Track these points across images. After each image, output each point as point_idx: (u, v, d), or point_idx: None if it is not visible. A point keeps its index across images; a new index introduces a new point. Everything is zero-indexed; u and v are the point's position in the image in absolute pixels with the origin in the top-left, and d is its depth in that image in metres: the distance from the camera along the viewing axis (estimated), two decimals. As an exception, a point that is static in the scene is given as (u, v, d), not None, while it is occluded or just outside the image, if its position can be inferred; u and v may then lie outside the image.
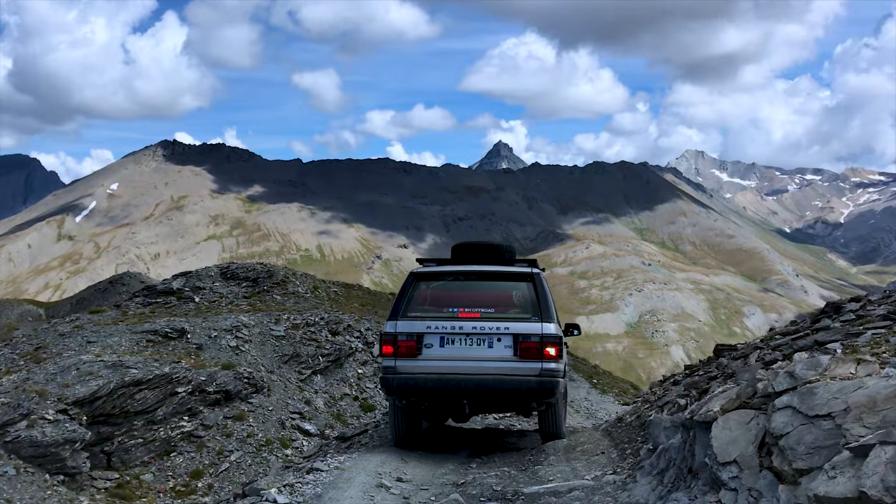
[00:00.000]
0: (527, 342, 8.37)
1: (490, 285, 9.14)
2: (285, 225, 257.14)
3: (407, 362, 8.46)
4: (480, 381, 8.32)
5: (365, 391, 19.75)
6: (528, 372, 8.31)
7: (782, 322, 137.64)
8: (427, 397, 8.58)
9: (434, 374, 8.38)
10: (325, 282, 30.72)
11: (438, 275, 9.21)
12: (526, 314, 8.62)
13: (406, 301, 8.81)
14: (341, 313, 22.84)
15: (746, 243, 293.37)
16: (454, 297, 8.84)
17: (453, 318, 8.55)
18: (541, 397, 8.48)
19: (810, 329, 6.30)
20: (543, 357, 8.35)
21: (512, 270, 9.18)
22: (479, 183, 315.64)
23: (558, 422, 9.20)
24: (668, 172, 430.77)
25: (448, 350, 8.43)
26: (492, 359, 8.35)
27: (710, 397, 4.60)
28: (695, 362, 10.85)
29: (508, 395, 8.44)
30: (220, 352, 18.47)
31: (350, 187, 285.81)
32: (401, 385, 8.46)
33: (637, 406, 9.71)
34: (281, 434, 15.37)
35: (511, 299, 8.91)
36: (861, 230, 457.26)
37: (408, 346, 8.48)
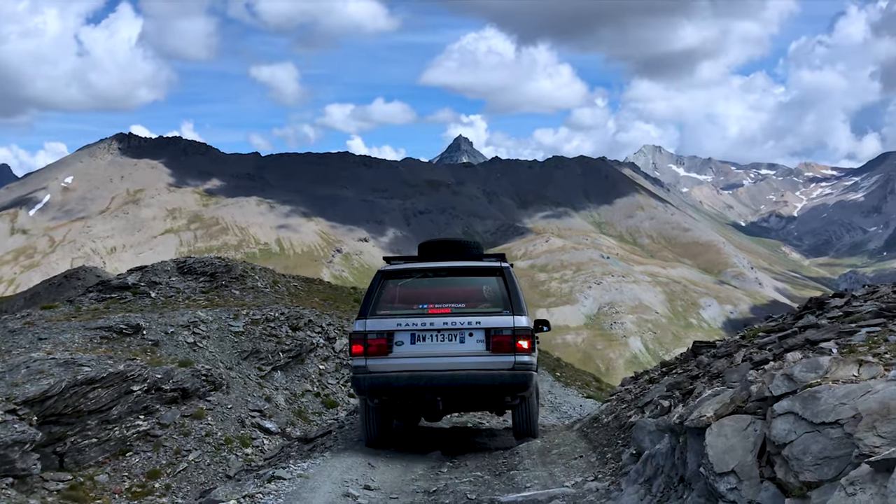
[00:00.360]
0: (499, 336, 8.28)
1: (459, 281, 9.06)
2: (244, 219, 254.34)
3: (378, 361, 8.32)
4: (453, 376, 8.23)
5: (327, 387, 19.36)
6: (501, 366, 8.23)
7: (737, 313, 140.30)
8: (399, 396, 8.42)
9: (406, 372, 8.27)
10: (285, 276, 30.18)
11: (407, 272, 9.08)
12: (497, 308, 8.54)
13: (375, 299, 8.68)
14: (302, 308, 22.39)
15: (702, 237, 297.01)
16: (424, 294, 8.74)
17: (423, 314, 8.46)
18: (514, 391, 8.39)
19: (797, 327, 6.11)
20: (516, 350, 8.27)
21: (481, 265, 9.10)
22: (439, 177, 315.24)
23: (532, 419, 9.08)
24: (627, 167, 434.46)
25: (419, 347, 8.33)
26: (464, 354, 8.27)
27: (700, 400, 4.34)
28: (653, 355, 10.72)
29: (482, 390, 8.35)
30: (176, 348, 17.95)
31: (309, 181, 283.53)
32: (372, 384, 8.31)
33: (612, 405, 9.48)
34: (241, 432, 14.94)
35: (481, 294, 8.81)
36: (814, 224, 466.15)
37: (378, 344, 8.34)
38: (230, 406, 15.76)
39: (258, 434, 14.70)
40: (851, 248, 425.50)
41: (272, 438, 14.79)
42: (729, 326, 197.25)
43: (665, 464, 4.41)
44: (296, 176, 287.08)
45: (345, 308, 25.44)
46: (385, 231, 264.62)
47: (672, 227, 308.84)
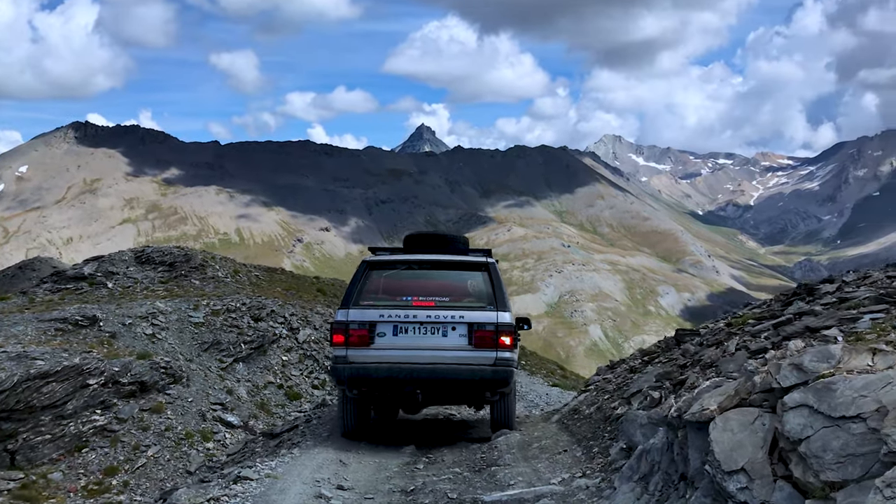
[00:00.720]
0: (482, 331, 8.25)
1: (445, 274, 8.99)
2: (203, 208, 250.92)
3: (359, 351, 8.25)
4: (434, 370, 8.17)
5: (290, 379, 18.94)
6: (482, 361, 8.20)
7: (695, 301, 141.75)
8: (379, 387, 8.36)
9: (386, 364, 8.20)
10: (247, 266, 29.61)
11: (392, 263, 9.04)
12: (481, 303, 8.49)
13: (358, 289, 8.59)
14: (264, 298, 21.91)
15: (661, 225, 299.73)
16: (408, 286, 8.67)
17: (407, 306, 8.40)
18: (495, 387, 8.35)
19: (791, 314, 5.89)
20: (498, 346, 8.22)
21: (466, 260, 9.07)
22: (401, 166, 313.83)
23: (510, 413, 9.04)
24: (587, 156, 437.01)
25: (401, 339, 8.27)
26: (446, 348, 8.23)
27: (699, 392, 4.06)
28: (612, 343, 10.57)
29: (463, 384, 8.30)
30: (134, 340, 17.39)
31: (270, 170, 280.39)
32: (352, 375, 8.24)
33: (592, 395, 9.18)
34: (202, 426, 14.45)
35: (466, 288, 8.77)
36: (770, 212, 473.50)
37: (360, 334, 8.27)
38: (190, 399, 15.27)
39: (220, 428, 14.22)
40: (806, 237, 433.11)
41: (234, 432, 14.34)
42: (687, 314, 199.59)
43: (661, 460, 4.14)
44: (256, 165, 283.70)
45: (308, 298, 25.00)
46: (347, 220, 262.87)
47: (632, 215, 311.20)
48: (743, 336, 6.10)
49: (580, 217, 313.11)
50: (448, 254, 9.32)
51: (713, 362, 5.77)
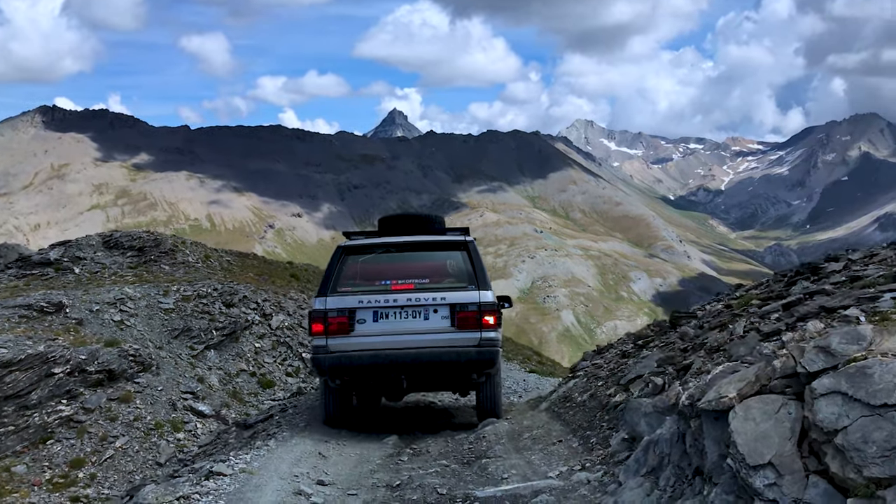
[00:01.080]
0: (464, 312, 8.10)
1: (423, 256, 8.85)
2: (173, 194, 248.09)
3: (339, 340, 8.07)
4: (418, 354, 8.01)
5: (263, 366, 18.51)
6: (466, 342, 8.06)
7: (667, 286, 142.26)
8: (362, 375, 8.21)
9: (368, 351, 8.03)
10: (218, 251, 29.02)
11: (368, 247, 8.82)
12: (462, 283, 8.35)
13: (335, 276, 8.39)
14: (236, 284, 21.41)
15: (633, 210, 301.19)
16: (386, 270, 8.50)
17: (386, 290, 8.24)
18: (481, 368, 8.22)
19: (802, 293, 5.59)
20: (482, 326, 8.09)
21: (444, 240, 8.94)
22: (373, 151, 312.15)
23: (496, 398, 8.88)
24: (560, 141, 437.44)
25: (382, 325, 8.11)
26: (429, 331, 8.08)
27: (713, 378, 3.74)
28: (584, 328, 10.32)
29: (448, 367, 8.15)
30: (102, 327, 16.86)
31: (241, 155, 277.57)
32: (334, 364, 8.05)
33: (584, 382, 8.80)
34: (172, 416, 13.98)
35: (445, 269, 8.63)
36: (740, 197, 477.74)
37: (339, 322, 8.08)
38: (160, 388, 14.79)
39: (191, 417, 13.76)
40: (776, 221, 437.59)
41: (206, 422, 13.90)
42: (658, 299, 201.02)
43: (671, 452, 3.82)
44: (226, 150, 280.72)
45: (280, 283, 24.53)
46: (319, 206, 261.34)
47: (604, 201, 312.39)
48: (750, 318, 5.82)
49: (553, 202, 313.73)
50: (425, 234, 9.18)
51: (720, 346, 5.47)
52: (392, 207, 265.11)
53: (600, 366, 9.17)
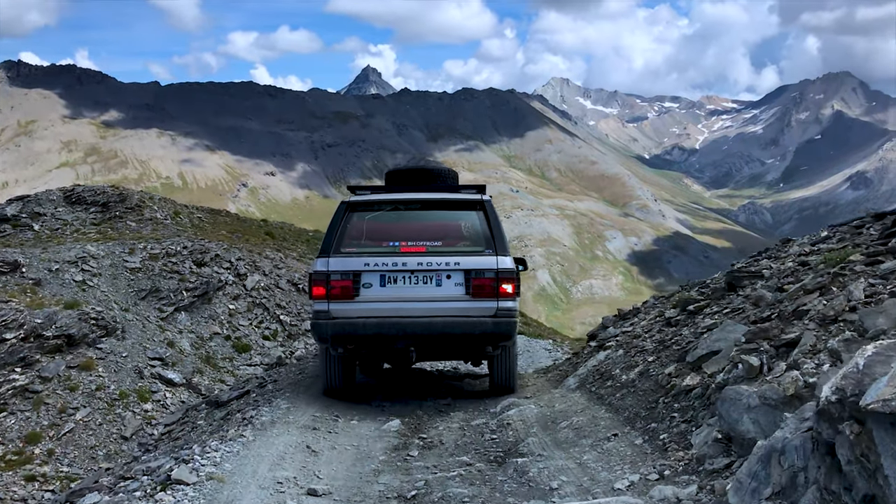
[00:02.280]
0: (480, 278, 7.46)
1: (435, 215, 8.16)
2: (144, 151, 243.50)
3: (342, 305, 7.44)
4: (428, 324, 7.36)
5: (238, 329, 17.36)
6: (482, 312, 7.42)
7: (641, 245, 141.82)
8: (367, 344, 7.56)
9: (374, 318, 7.38)
10: (188, 207, 27.66)
11: (375, 204, 8.10)
12: (478, 247, 7.68)
13: (339, 235, 7.69)
14: (207, 241, 20.16)
15: (609, 170, 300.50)
16: (395, 230, 7.86)
17: (395, 252, 7.58)
18: (496, 340, 7.58)
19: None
20: (499, 295, 7.45)
21: (459, 198, 8.17)
22: (347, 108, 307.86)
23: (512, 371, 8.24)
24: (535, 100, 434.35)
25: (390, 290, 7.47)
26: (441, 298, 7.45)
27: (869, 363, 2.66)
28: (560, 288, 9.32)
29: (461, 339, 7.50)
30: (62, 288, 15.62)
31: (212, 112, 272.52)
32: (336, 331, 7.40)
33: (620, 355, 7.56)
34: (139, 385, 12.78)
35: (460, 230, 7.92)
36: (715, 156, 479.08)
37: (343, 286, 7.44)
38: (125, 354, 13.58)
39: (159, 386, 12.55)
40: (750, 180, 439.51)
41: (176, 391, 12.73)
42: (633, 258, 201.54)
43: (808, 467, 2.74)
44: (198, 107, 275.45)
45: (255, 241, 23.29)
46: (293, 164, 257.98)
47: (579, 160, 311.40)
48: (866, 277, 4.73)
49: (528, 161, 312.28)
50: (437, 191, 8.46)
51: (836, 316, 4.38)
52: (366, 166, 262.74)
53: (637, 335, 8.02)
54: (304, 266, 21.79)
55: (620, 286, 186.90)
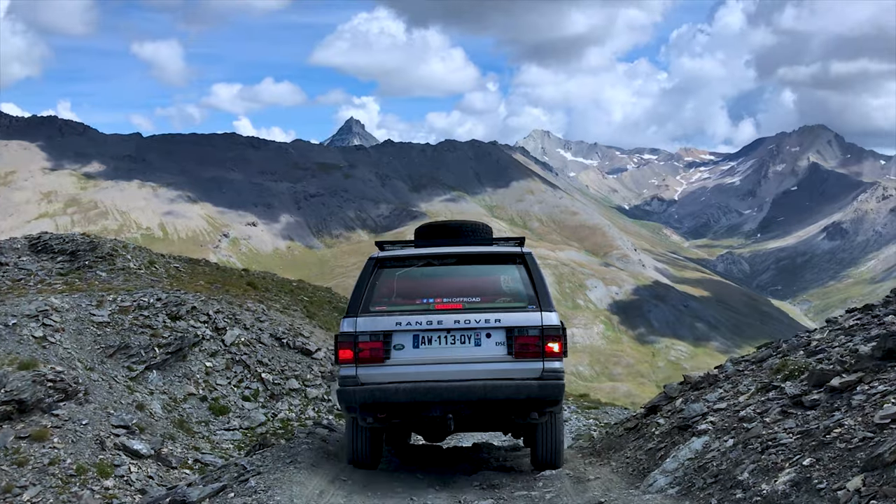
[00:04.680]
0: (524, 337, 6.85)
1: (472, 270, 7.56)
2: (125, 202, 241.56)
3: (372, 369, 6.86)
4: (468, 388, 6.73)
5: (215, 389, 15.77)
6: (527, 374, 6.81)
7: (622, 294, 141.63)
8: (400, 413, 6.92)
9: (408, 383, 6.76)
10: (164, 256, 26.12)
11: (406, 259, 7.54)
12: (520, 303, 7.10)
13: (367, 293, 7.11)
14: (183, 293, 18.63)
15: (589, 220, 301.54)
16: (428, 286, 7.27)
17: (429, 310, 7.00)
18: (543, 406, 6.96)
19: None
20: (545, 355, 6.85)
21: (497, 251, 7.60)
22: (330, 160, 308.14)
23: (558, 443, 7.47)
24: (517, 151, 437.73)
25: (424, 352, 6.86)
26: (480, 360, 6.84)
27: None
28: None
29: (504, 405, 6.88)
30: (19, 345, 14.01)
31: (195, 163, 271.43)
32: (365, 399, 6.77)
33: (731, 447, 5.75)
34: (99, 457, 11.09)
35: (499, 286, 7.39)
36: (693, 207, 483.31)
37: (372, 348, 6.85)
38: (86, 422, 11.92)
39: (123, 459, 10.87)
40: (728, 230, 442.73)
41: (143, 464, 11.07)
42: (614, 307, 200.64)
43: None
44: (180, 157, 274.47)
45: (236, 293, 21.76)
46: (275, 215, 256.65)
47: (561, 210, 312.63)
48: None
49: (510, 211, 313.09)
50: (471, 245, 7.87)
51: None
52: (350, 217, 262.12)
53: (747, 417, 6.21)
54: (288, 319, 20.29)
55: (602, 335, 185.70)
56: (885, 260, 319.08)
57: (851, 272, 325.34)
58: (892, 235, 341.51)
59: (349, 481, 6.65)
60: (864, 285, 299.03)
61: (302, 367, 17.41)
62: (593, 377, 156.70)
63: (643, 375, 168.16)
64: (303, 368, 17.36)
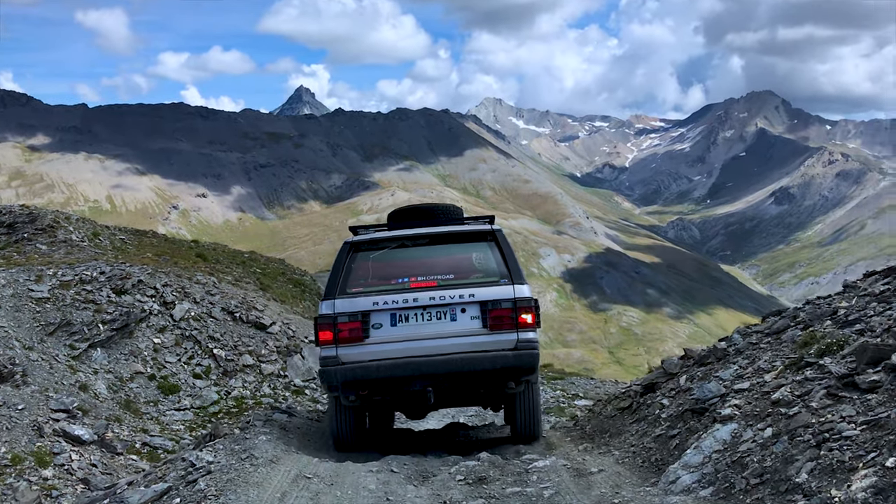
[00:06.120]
0: (498, 310, 7.19)
1: (444, 249, 7.78)
2: (71, 175, 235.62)
3: (352, 349, 7.13)
4: (446, 362, 7.00)
5: (164, 367, 14.98)
6: (502, 345, 7.14)
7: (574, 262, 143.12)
8: (381, 389, 7.21)
9: (387, 360, 7.05)
10: (110, 228, 25.00)
11: (380, 241, 7.77)
12: (493, 277, 7.43)
13: (343, 275, 7.39)
14: (129, 265, 17.73)
15: (542, 188, 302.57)
16: (403, 267, 7.53)
17: (405, 289, 7.28)
18: (519, 375, 7.27)
19: None
20: (519, 326, 7.17)
21: (468, 229, 7.91)
22: (280, 129, 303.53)
23: (537, 412, 7.76)
24: (469, 120, 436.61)
25: (402, 329, 7.13)
26: (457, 334, 7.13)
27: None
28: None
29: (481, 376, 7.16)
30: (-51, 325, 13.10)
31: (142, 134, 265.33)
32: (347, 377, 7.04)
33: (790, 441, 4.77)
34: (37, 445, 10.23)
35: (471, 263, 7.64)
36: (644, 174, 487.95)
37: (351, 328, 7.12)
38: (22, 406, 11.04)
39: (63, 446, 10.03)
40: (678, 197, 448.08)
41: (85, 450, 10.26)
42: (567, 275, 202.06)
43: None
44: (127, 128, 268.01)
45: (185, 265, 20.85)
46: (225, 186, 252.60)
47: (513, 179, 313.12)
48: None
49: (463, 181, 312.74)
50: (443, 226, 8.08)
51: None
52: (301, 187, 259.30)
53: (783, 401, 5.35)
54: (241, 292, 19.51)
55: (555, 303, 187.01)
56: (832, 224, 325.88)
57: (799, 236, 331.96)
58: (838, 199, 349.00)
59: (314, 478, 5.87)
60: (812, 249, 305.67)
61: (256, 341, 16.68)
62: (547, 344, 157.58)
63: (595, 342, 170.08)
64: (257, 343, 16.63)
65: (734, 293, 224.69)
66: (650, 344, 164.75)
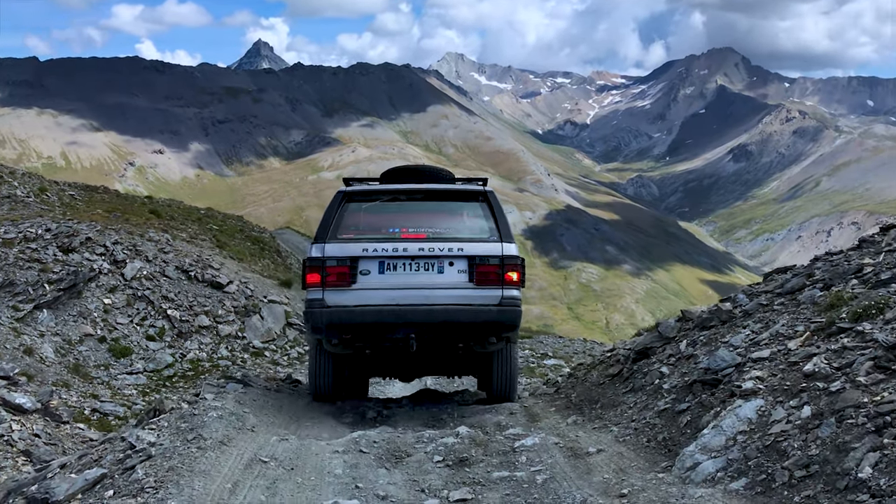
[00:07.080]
0: (484, 265, 7.27)
1: (437, 205, 7.93)
2: (23, 130, 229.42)
3: (338, 293, 7.19)
4: (430, 311, 7.11)
5: (115, 329, 14.34)
6: (487, 301, 7.23)
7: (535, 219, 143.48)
8: (364, 334, 7.29)
9: (373, 306, 7.16)
10: (58, 183, 24.04)
11: (374, 193, 7.95)
12: (482, 235, 7.54)
13: (335, 222, 7.47)
14: (76, 222, 16.94)
15: (504, 145, 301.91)
16: (395, 218, 7.65)
17: (395, 238, 7.38)
18: (501, 330, 7.38)
19: None
20: (504, 283, 7.27)
21: (462, 188, 8.16)
22: (239, 84, 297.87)
23: (513, 375, 7.93)
24: (431, 75, 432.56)
25: (389, 277, 7.24)
26: (443, 286, 7.23)
27: None
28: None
29: (463, 327, 7.25)
30: None
31: (96, 89, 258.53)
32: (332, 320, 7.12)
33: (837, 423, 4.08)
34: (-25, 414, 9.68)
35: (462, 220, 7.80)
36: (605, 130, 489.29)
37: (339, 272, 7.22)
38: (-42, 373, 10.45)
39: (3, 415, 9.45)
40: (638, 154, 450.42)
41: (28, 420, 9.62)
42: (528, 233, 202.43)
43: None
44: (81, 83, 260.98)
45: (137, 221, 20.06)
46: (182, 142, 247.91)
47: (475, 135, 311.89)
48: None
49: (425, 137, 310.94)
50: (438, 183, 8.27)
51: None
52: (260, 143, 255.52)
53: (816, 373, 4.72)
54: (196, 249, 18.81)
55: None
56: (789, 180, 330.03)
57: (756, 193, 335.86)
58: (794, 156, 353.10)
59: (271, 462, 5.19)
60: (769, 205, 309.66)
61: (212, 301, 16.07)
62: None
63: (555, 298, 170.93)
64: (213, 303, 16.03)
65: (691, 249, 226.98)
66: (608, 300, 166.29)
